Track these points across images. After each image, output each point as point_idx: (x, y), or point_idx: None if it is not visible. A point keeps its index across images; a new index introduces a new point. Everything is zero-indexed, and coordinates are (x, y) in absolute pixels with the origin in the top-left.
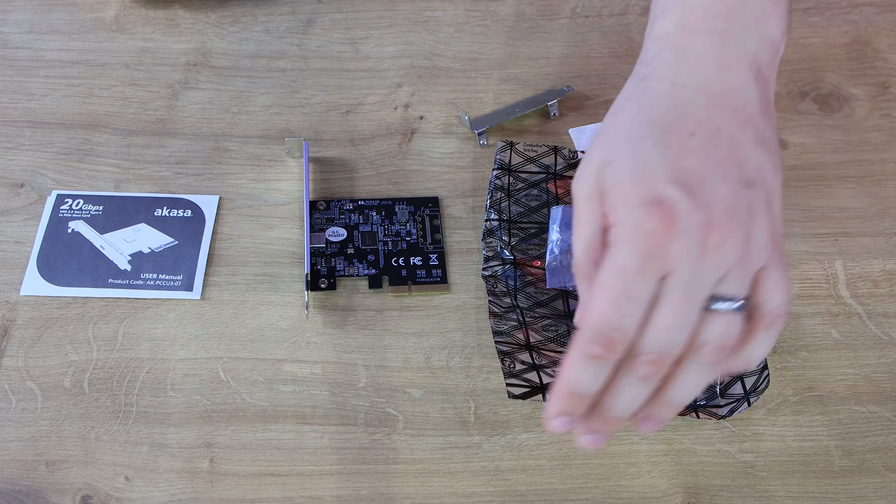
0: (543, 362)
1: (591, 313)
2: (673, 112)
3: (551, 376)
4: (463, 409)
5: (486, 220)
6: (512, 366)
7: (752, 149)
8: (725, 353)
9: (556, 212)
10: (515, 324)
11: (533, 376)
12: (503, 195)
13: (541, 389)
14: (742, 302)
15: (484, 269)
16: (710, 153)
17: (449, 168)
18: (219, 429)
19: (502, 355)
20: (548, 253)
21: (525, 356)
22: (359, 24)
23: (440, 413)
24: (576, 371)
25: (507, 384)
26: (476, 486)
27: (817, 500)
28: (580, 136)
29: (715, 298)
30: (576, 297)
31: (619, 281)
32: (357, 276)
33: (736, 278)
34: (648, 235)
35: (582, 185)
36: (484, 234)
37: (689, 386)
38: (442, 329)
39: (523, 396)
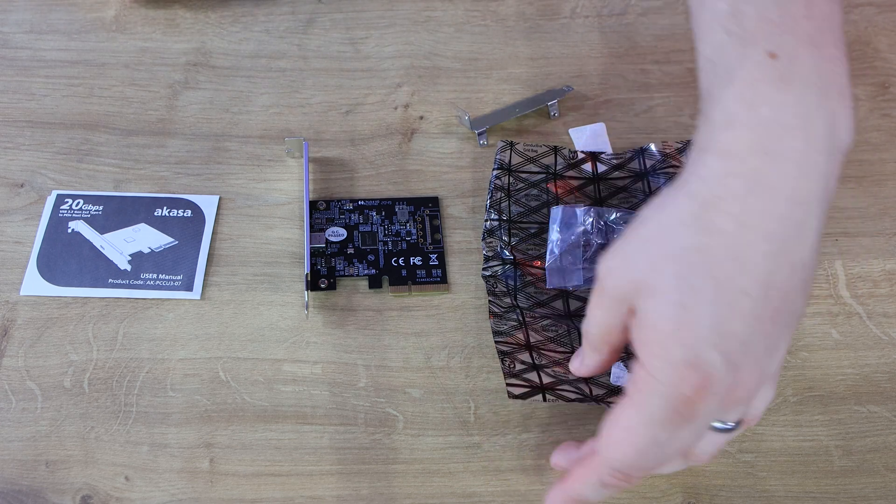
0: (543, 362)
1: (614, 451)
2: (732, 262)
3: (551, 376)
4: (463, 409)
5: (486, 220)
6: (512, 366)
7: (796, 295)
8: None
9: (556, 212)
10: (515, 324)
11: (533, 376)
12: (503, 195)
13: (541, 389)
14: (736, 423)
15: (484, 269)
16: (759, 314)
17: (449, 168)
18: (219, 429)
19: (502, 355)
20: (548, 253)
21: (525, 356)
22: (359, 24)
23: (440, 413)
24: (586, 488)
25: (507, 384)
26: (476, 486)
27: (817, 500)
28: (580, 136)
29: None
30: (576, 297)
31: (647, 430)
32: (357, 276)
33: (740, 410)
34: (681, 397)
35: (613, 280)
36: (484, 234)
37: (670, 469)
38: (442, 329)
39: (523, 396)
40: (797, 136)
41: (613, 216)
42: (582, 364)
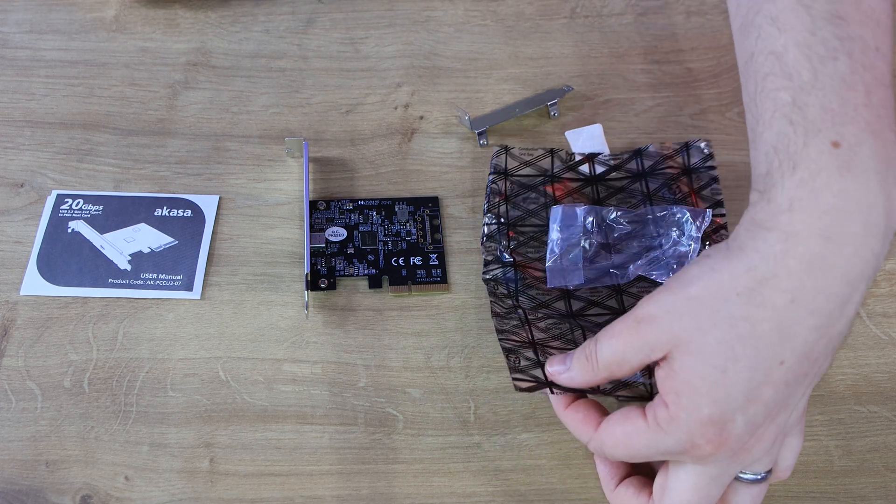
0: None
1: (609, 444)
2: (777, 333)
3: None
4: (463, 409)
5: (485, 225)
6: (517, 362)
7: (825, 359)
8: None
9: (556, 211)
10: (518, 323)
11: (538, 373)
12: (500, 199)
13: (547, 384)
14: (766, 473)
15: (484, 272)
16: (790, 381)
17: (449, 168)
18: (219, 429)
19: (507, 352)
20: (548, 252)
21: (529, 353)
22: (359, 24)
23: (440, 413)
24: (575, 434)
25: (514, 378)
26: (476, 486)
27: (817, 500)
28: (577, 138)
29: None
30: (577, 298)
31: (646, 450)
32: (357, 275)
33: (764, 461)
34: (694, 445)
35: (654, 328)
36: (483, 238)
37: None
38: (442, 329)
39: (530, 390)
40: (857, 221)
41: (613, 215)
42: (567, 374)
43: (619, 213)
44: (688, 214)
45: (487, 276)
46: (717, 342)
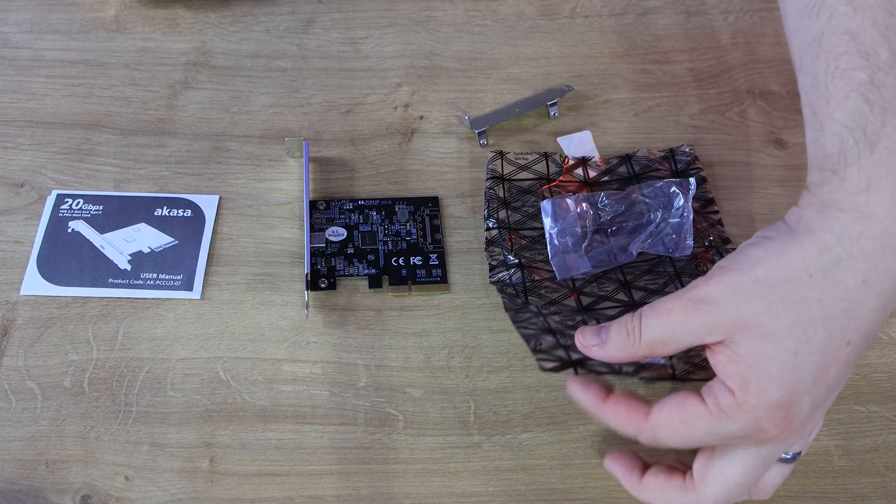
0: (569, 343)
1: (664, 433)
2: (846, 315)
3: (580, 353)
4: (463, 409)
5: (486, 230)
6: (538, 344)
7: (874, 339)
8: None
9: (547, 205)
10: (531, 314)
11: (561, 353)
12: (499, 203)
13: (571, 364)
14: (797, 453)
15: (491, 276)
16: (850, 361)
17: (449, 168)
18: (219, 428)
19: (526, 338)
20: (548, 246)
21: (549, 337)
22: (359, 24)
23: (440, 413)
24: (614, 426)
25: (538, 358)
26: (476, 485)
27: (817, 500)
28: (568, 144)
29: None
30: (586, 294)
31: (706, 437)
32: (357, 275)
33: (803, 440)
34: (759, 430)
35: (716, 309)
36: (486, 244)
37: (734, 500)
38: (442, 329)
39: (555, 370)
40: None
41: (603, 199)
42: (603, 348)
43: (607, 196)
44: (674, 187)
45: (494, 280)
46: (789, 325)
